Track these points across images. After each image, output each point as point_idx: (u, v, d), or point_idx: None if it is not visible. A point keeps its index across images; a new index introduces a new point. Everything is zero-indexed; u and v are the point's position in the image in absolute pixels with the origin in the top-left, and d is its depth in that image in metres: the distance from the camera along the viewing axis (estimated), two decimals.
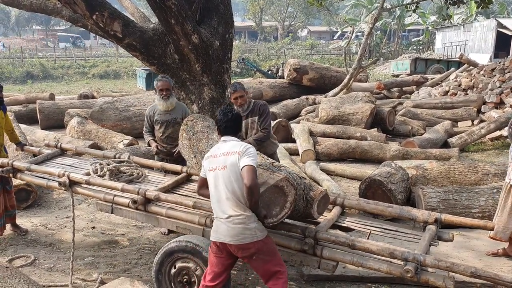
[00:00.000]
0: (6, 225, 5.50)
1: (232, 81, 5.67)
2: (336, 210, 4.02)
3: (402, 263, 3.18)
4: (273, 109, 13.18)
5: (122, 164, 4.77)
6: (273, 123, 10.01)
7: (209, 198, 3.37)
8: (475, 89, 13.86)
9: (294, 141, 9.77)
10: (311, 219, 3.81)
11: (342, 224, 3.93)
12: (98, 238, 5.55)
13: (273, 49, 41.97)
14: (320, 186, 6.20)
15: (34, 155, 5.72)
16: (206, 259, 3.55)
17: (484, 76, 13.85)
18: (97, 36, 10.72)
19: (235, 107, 4.95)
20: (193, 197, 4.20)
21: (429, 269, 3.20)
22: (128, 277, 4.14)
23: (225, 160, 3.17)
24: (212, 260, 3.33)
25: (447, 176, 6.84)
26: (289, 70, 16.84)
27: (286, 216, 3.32)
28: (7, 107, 5.63)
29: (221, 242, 3.22)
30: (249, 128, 4.96)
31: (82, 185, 4.43)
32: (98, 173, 4.53)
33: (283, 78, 18.44)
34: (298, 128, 9.89)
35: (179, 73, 6.04)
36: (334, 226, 3.89)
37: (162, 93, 5.20)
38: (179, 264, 3.72)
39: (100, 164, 4.69)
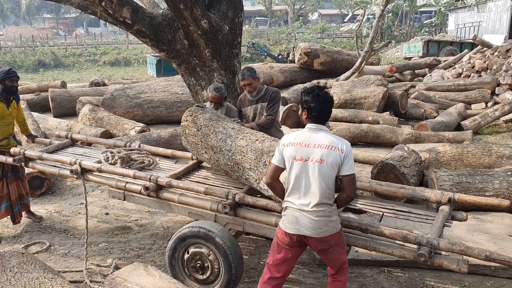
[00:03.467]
0: (21, 212, 5.56)
1: (243, 66, 5.62)
2: None
3: (415, 247, 3.17)
4: (284, 94, 13.09)
5: (133, 152, 4.79)
6: (284, 108, 9.97)
7: (281, 192, 3.19)
8: (489, 70, 13.65)
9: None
10: None
11: (354, 207, 3.92)
12: (111, 224, 5.60)
13: (283, 33, 41.71)
14: None
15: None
16: (218, 244, 3.57)
17: (499, 57, 13.62)
18: (107, 23, 10.71)
19: (245, 92, 4.91)
20: (204, 184, 4.22)
21: (443, 253, 3.18)
22: (142, 262, 4.18)
23: (325, 154, 2.96)
24: (284, 251, 3.17)
25: (461, 159, 6.77)
26: (300, 54, 16.70)
27: None
28: (19, 96, 5.66)
29: (300, 235, 3.07)
30: (257, 113, 4.90)
31: (94, 173, 4.46)
32: (110, 162, 4.56)
33: (294, 62, 18.32)
34: None
35: (188, 59, 6.01)
36: (346, 209, 3.87)
37: (212, 104, 5.00)
38: (192, 250, 3.75)
39: (111, 152, 4.71)
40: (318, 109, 3.08)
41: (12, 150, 5.06)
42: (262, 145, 3.78)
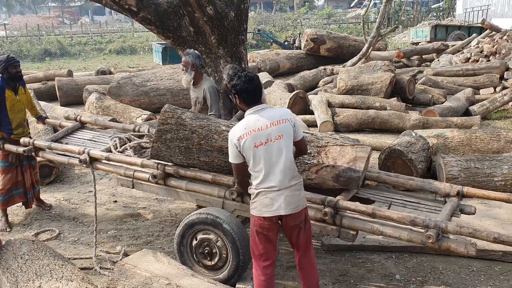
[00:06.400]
0: (34, 198, 5.62)
1: (249, 53, 5.59)
2: None
3: (423, 231, 3.16)
4: (290, 80, 13.06)
5: (142, 139, 4.80)
6: (290, 95, 9.93)
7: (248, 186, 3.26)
8: (498, 55, 13.49)
9: (312, 112, 9.69)
10: None
11: (363, 196, 3.92)
12: (120, 211, 5.65)
13: (289, 19, 41.33)
14: None
15: (54, 128, 5.77)
16: (226, 230, 3.59)
17: (508, 42, 13.46)
18: (112, 11, 10.69)
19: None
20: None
21: (451, 236, 3.18)
22: (151, 249, 4.21)
23: (280, 129, 3.04)
24: (265, 237, 3.16)
25: (469, 144, 6.73)
26: (306, 41, 16.59)
27: None
28: (26, 85, 5.66)
29: (276, 216, 3.09)
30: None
31: (102, 161, 4.48)
32: (118, 149, 4.57)
33: (300, 49, 18.19)
34: (316, 99, 9.79)
35: (195, 46, 5.99)
36: (355, 198, 3.87)
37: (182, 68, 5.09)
38: (200, 236, 3.77)
39: (120, 138, 4.72)
40: (245, 89, 3.08)
41: (21, 140, 5.07)
42: None
